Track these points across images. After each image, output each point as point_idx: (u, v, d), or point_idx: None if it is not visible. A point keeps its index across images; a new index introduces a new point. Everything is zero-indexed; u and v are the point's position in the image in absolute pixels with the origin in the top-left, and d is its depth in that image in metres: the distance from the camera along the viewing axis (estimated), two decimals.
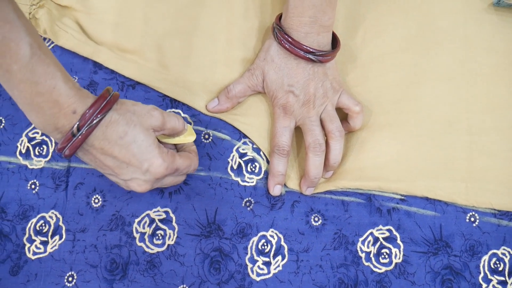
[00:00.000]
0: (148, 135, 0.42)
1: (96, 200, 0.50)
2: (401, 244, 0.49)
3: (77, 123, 0.40)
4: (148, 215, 0.49)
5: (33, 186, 0.50)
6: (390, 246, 0.49)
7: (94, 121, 0.40)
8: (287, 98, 0.48)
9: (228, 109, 0.51)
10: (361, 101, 0.51)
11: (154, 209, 0.49)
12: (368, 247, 0.49)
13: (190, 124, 0.51)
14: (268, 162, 0.51)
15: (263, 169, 0.50)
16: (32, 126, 0.51)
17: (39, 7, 0.52)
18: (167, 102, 0.52)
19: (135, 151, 0.42)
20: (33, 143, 0.51)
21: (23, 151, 0.51)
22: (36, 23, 0.52)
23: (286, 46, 0.48)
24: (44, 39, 0.54)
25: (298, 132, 0.51)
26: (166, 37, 0.53)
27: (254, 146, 0.51)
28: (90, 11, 0.53)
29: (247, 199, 0.50)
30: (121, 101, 0.43)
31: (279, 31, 0.48)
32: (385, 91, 0.52)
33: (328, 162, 0.49)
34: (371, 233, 0.49)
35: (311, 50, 0.47)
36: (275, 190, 0.49)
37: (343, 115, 0.51)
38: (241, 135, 0.51)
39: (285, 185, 0.50)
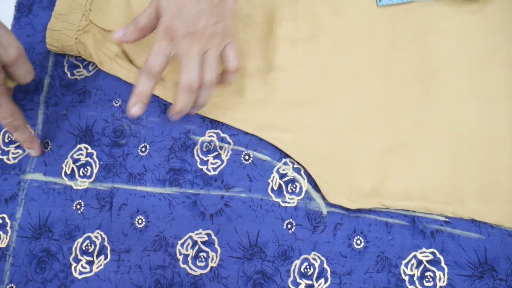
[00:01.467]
0: None
1: (140, 221, 0.50)
2: (445, 267, 0.48)
3: None
4: (190, 237, 0.50)
5: (78, 206, 0.51)
6: (434, 269, 0.48)
7: None
8: (173, 21, 0.44)
9: (136, 40, 0.48)
10: (404, 118, 0.51)
11: (196, 231, 0.50)
12: (411, 270, 0.48)
13: (230, 144, 0.52)
14: (308, 181, 0.51)
15: (303, 189, 0.50)
16: (77, 148, 0.53)
17: (84, 32, 0.54)
18: (207, 123, 0.53)
19: None
20: (77, 164, 0.52)
21: (68, 172, 0.52)
22: (82, 48, 0.54)
23: None
24: (89, 63, 0.55)
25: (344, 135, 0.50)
26: None
27: (295, 166, 0.51)
28: None
29: (288, 220, 0.50)
30: None
31: None
32: (427, 111, 0.51)
33: (194, 102, 0.48)
34: (415, 256, 0.48)
35: None
36: (134, 109, 0.47)
37: None
38: (281, 155, 0.51)
39: (327, 203, 0.50)
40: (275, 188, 0.51)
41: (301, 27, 0.54)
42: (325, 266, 0.48)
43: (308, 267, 0.48)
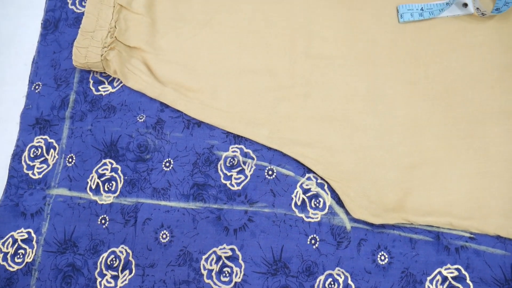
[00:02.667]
0: None
1: (164, 236, 0.51)
2: (471, 284, 0.48)
3: None
4: (214, 252, 0.50)
5: (103, 221, 0.52)
6: (459, 285, 0.48)
7: None
8: None
9: None
10: (429, 135, 0.51)
11: (220, 246, 0.50)
12: (436, 286, 0.48)
13: (253, 159, 0.52)
14: (332, 196, 0.51)
15: (327, 204, 0.50)
16: (102, 162, 0.53)
17: (110, 49, 0.55)
18: (231, 138, 0.53)
19: None
20: (102, 179, 0.53)
21: (93, 186, 0.53)
22: (107, 64, 0.55)
23: None
24: (114, 79, 0.56)
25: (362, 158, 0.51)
26: (229, 76, 0.54)
27: (318, 181, 0.51)
28: (157, 52, 0.55)
29: (312, 236, 0.50)
30: None
31: None
32: (452, 128, 0.51)
33: None
34: (440, 272, 0.48)
35: None
36: None
37: None
38: (305, 171, 0.52)
39: (350, 219, 0.50)
40: (299, 203, 0.51)
41: (326, 45, 0.55)
42: (350, 282, 0.48)
43: (332, 283, 0.48)
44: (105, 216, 0.52)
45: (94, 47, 0.55)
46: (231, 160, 0.52)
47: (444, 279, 0.48)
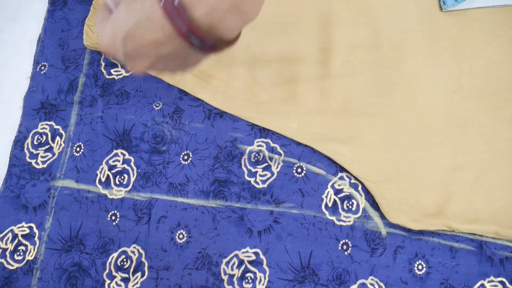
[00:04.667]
0: None
1: (181, 236, 0.46)
2: None
3: None
4: (236, 255, 0.45)
5: (113, 218, 0.47)
6: None
7: None
8: None
9: None
10: (473, 135, 0.47)
11: (243, 250, 0.45)
12: None
13: (280, 155, 0.48)
14: (366, 198, 0.46)
15: (361, 207, 0.46)
16: (113, 153, 0.48)
17: None
18: (256, 131, 0.49)
19: None
20: (113, 171, 0.48)
21: (103, 179, 0.48)
22: None
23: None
24: None
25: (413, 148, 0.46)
26: (255, 65, 0.50)
27: (352, 181, 0.47)
28: None
29: (343, 241, 0.45)
30: None
31: None
32: (499, 129, 0.47)
33: None
34: (482, 285, 0.44)
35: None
36: None
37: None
38: (337, 169, 0.47)
39: (385, 223, 0.45)
40: (330, 204, 0.46)
41: (360, 32, 0.50)
42: None
43: None
44: (115, 212, 0.47)
45: None
46: (256, 155, 0.48)
47: None
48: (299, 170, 0.47)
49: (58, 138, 0.50)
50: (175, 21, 0.27)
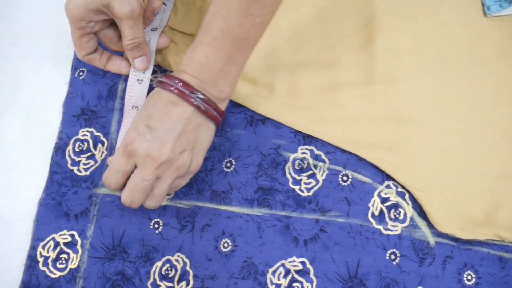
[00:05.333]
0: None
1: (226, 245, 0.46)
2: None
3: None
4: (283, 265, 0.45)
5: (156, 226, 0.47)
6: None
7: None
8: (135, 140, 0.40)
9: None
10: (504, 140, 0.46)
11: (289, 259, 0.45)
12: None
13: (325, 163, 0.47)
14: (413, 207, 0.46)
15: (408, 216, 0.46)
16: None
17: None
18: (299, 138, 0.48)
19: None
20: None
21: None
22: (160, 57, 0.49)
23: (161, 81, 0.42)
24: (165, 70, 0.51)
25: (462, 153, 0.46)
26: (297, 70, 0.49)
27: (399, 189, 0.46)
28: None
29: (391, 250, 0.45)
30: None
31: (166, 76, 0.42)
32: None
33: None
34: None
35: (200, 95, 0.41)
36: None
37: None
38: (383, 178, 0.46)
39: (433, 233, 0.45)
40: (376, 213, 0.46)
41: (403, 39, 0.49)
42: None
43: None
44: (158, 220, 0.47)
45: None
46: (300, 162, 0.47)
47: None
48: (344, 178, 0.47)
49: (100, 145, 0.49)
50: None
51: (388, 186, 0.46)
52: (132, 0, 0.42)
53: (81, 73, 0.51)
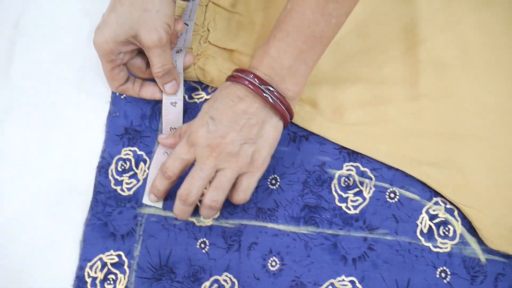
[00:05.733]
0: None
1: (273, 263, 0.45)
2: None
3: None
4: (332, 284, 0.44)
5: (202, 245, 0.46)
6: None
7: None
8: (198, 129, 0.42)
9: (171, 146, 0.47)
10: None
11: (338, 278, 0.45)
12: None
13: (371, 179, 0.47)
14: (462, 223, 0.45)
15: (457, 233, 0.45)
16: None
17: (203, 56, 0.49)
18: (344, 155, 0.48)
19: None
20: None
21: None
22: (202, 74, 0.49)
23: (237, 75, 0.43)
24: (207, 87, 0.51)
25: None
26: (340, 85, 0.49)
27: (447, 206, 0.46)
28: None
29: (441, 268, 0.44)
30: None
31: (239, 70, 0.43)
32: None
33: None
34: None
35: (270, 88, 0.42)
36: (150, 197, 0.46)
37: None
38: (432, 194, 0.46)
39: (484, 249, 0.44)
40: (425, 230, 0.45)
41: (447, 50, 0.49)
42: None
43: None
44: (204, 239, 0.47)
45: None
46: (346, 179, 0.47)
47: None
48: (392, 195, 0.46)
49: (142, 164, 0.49)
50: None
51: (436, 203, 0.46)
52: (159, 28, 0.43)
53: None
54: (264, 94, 0.42)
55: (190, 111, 0.50)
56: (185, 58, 0.49)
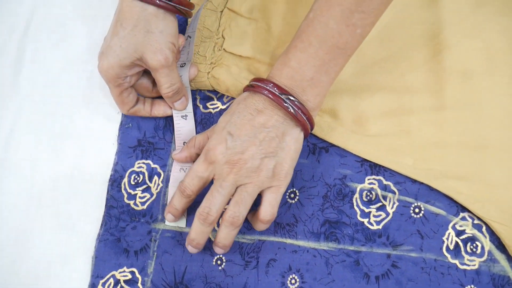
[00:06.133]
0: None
1: (293, 281, 0.44)
2: None
3: None
4: None
5: (219, 262, 0.45)
6: None
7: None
8: (216, 146, 0.41)
9: (187, 159, 0.46)
10: None
11: None
12: None
13: (395, 194, 0.45)
14: (491, 240, 0.43)
15: (486, 249, 0.43)
16: None
17: (217, 65, 0.47)
18: (366, 168, 0.46)
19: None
20: None
21: None
22: (216, 83, 0.48)
23: (256, 84, 0.41)
24: (222, 96, 0.49)
25: None
26: (361, 95, 0.47)
27: (475, 221, 0.44)
28: (272, 62, 0.48)
29: (469, 287, 0.42)
30: (159, 16, 0.42)
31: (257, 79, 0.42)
32: None
33: (215, 241, 0.43)
34: None
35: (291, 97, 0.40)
36: (167, 217, 0.45)
37: None
38: (458, 209, 0.44)
39: None
40: (451, 247, 0.43)
41: (472, 57, 0.47)
42: None
43: None
44: (221, 256, 0.45)
45: (199, 64, 0.47)
46: (368, 193, 0.45)
47: None
48: (416, 210, 0.44)
49: (156, 177, 0.47)
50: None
51: (463, 218, 0.44)
52: (164, 48, 0.42)
53: None
54: (285, 104, 0.40)
55: (204, 121, 0.48)
56: (190, 71, 0.47)
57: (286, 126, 0.41)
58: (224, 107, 0.49)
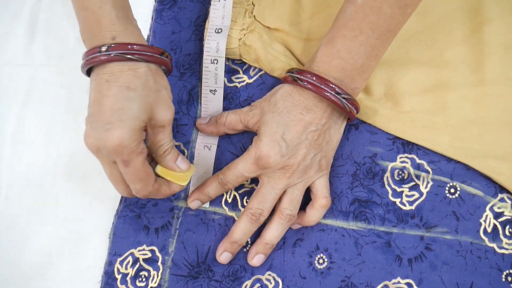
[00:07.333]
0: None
1: (321, 261, 0.42)
2: None
3: (111, 44, 0.37)
4: (386, 286, 0.41)
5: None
6: None
7: (126, 56, 0.37)
8: (270, 153, 0.40)
9: (212, 134, 0.45)
10: None
11: (394, 280, 0.41)
12: None
13: (428, 173, 0.42)
14: None
15: None
16: None
17: (249, 31, 0.45)
18: (399, 146, 0.44)
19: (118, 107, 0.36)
20: (240, 191, 0.44)
21: (229, 200, 0.44)
22: (246, 51, 0.45)
23: (310, 82, 0.39)
24: (250, 66, 0.47)
25: None
26: (396, 69, 0.44)
27: None
28: (302, 35, 0.46)
29: (507, 271, 0.40)
30: (159, 73, 0.39)
31: (298, 71, 0.40)
32: None
33: (260, 238, 0.42)
34: None
35: (340, 91, 0.39)
36: (194, 204, 0.44)
37: None
38: (497, 190, 0.42)
39: None
40: (489, 230, 0.41)
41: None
42: None
43: None
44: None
45: (231, 28, 0.45)
46: (400, 172, 0.43)
47: None
48: (452, 190, 0.42)
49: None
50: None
51: (502, 200, 0.42)
52: (171, 104, 0.39)
53: None
54: (333, 98, 0.39)
55: (230, 96, 0.46)
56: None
57: (333, 119, 0.41)
58: (251, 81, 0.46)
